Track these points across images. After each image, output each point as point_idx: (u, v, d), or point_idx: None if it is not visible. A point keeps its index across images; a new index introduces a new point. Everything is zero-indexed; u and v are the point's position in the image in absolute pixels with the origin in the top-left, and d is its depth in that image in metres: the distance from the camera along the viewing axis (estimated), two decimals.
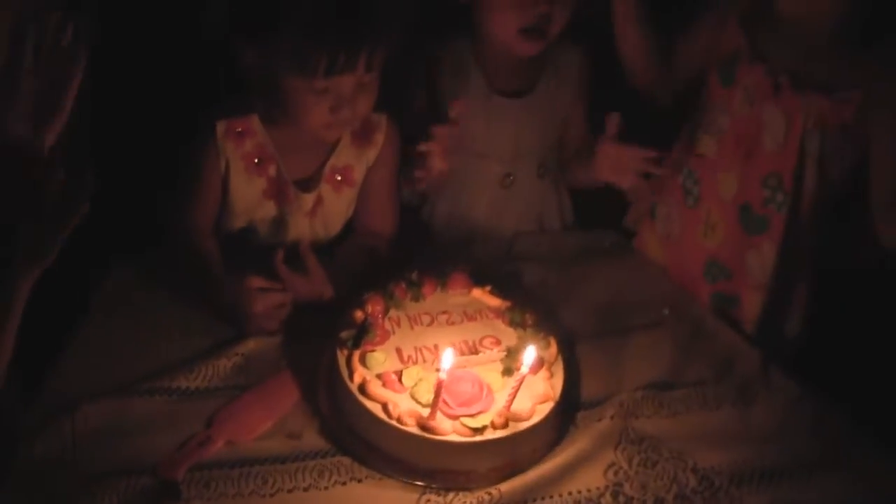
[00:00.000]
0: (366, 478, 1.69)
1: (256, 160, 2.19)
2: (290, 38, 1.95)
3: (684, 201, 2.33)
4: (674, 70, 2.32)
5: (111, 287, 2.13)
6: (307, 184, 2.25)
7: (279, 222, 2.28)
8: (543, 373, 1.80)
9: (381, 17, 1.98)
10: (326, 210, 2.30)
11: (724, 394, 1.95)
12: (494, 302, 1.99)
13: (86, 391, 1.80)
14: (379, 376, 1.74)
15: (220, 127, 2.15)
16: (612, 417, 1.85)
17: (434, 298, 1.99)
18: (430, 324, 1.92)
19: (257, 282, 1.96)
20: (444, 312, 1.95)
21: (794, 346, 2.25)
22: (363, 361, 1.77)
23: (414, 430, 1.65)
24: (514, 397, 1.68)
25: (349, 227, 2.37)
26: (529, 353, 1.70)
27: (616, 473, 1.74)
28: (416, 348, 1.83)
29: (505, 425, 1.67)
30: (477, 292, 2.02)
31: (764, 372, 2.01)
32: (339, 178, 2.27)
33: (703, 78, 2.26)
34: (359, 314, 1.88)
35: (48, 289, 1.95)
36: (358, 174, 2.29)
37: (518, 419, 1.69)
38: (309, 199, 2.25)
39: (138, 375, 1.86)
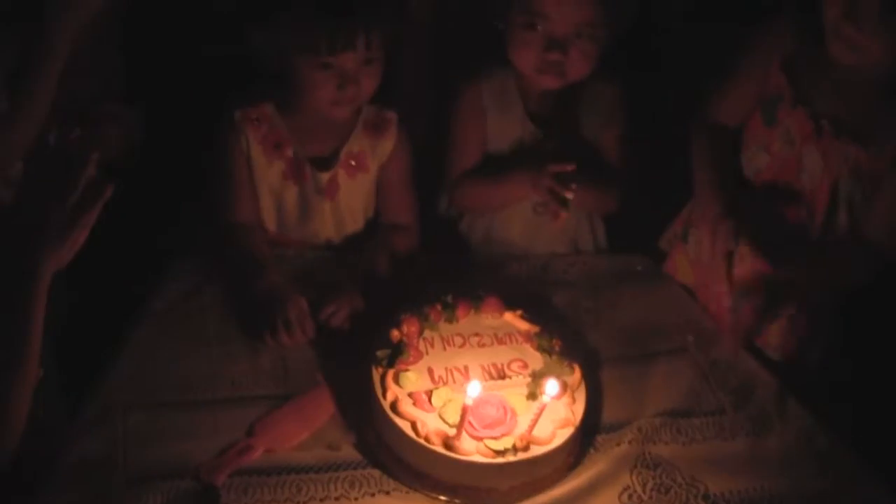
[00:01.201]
0: (393, 490, 1.78)
1: (274, 144, 2.37)
2: (296, 18, 2.14)
3: None
4: (721, 113, 2.39)
5: (161, 297, 2.24)
6: (324, 163, 2.41)
7: (302, 206, 2.44)
8: (566, 398, 1.87)
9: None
10: (344, 196, 2.45)
11: (740, 423, 2.01)
12: (524, 326, 2.07)
13: (135, 397, 1.93)
14: (410, 395, 1.83)
15: (238, 115, 2.35)
16: (630, 442, 1.92)
17: (467, 321, 2.07)
18: (462, 345, 2.00)
19: (302, 304, 2.12)
20: (476, 335, 2.03)
21: (817, 374, 2.31)
22: (396, 380, 1.86)
23: (440, 448, 1.73)
24: (535, 423, 1.77)
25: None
26: (552, 386, 1.78)
27: (630, 497, 1.81)
28: (447, 369, 1.92)
29: (526, 448, 1.74)
30: (508, 316, 2.09)
31: (781, 402, 2.07)
32: (353, 163, 2.43)
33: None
34: (395, 334, 1.98)
35: (101, 298, 2.09)
36: (371, 162, 2.45)
37: (539, 443, 1.77)
38: (325, 177, 2.40)
39: (184, 383, 1.98)
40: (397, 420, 1.79)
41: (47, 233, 1.60)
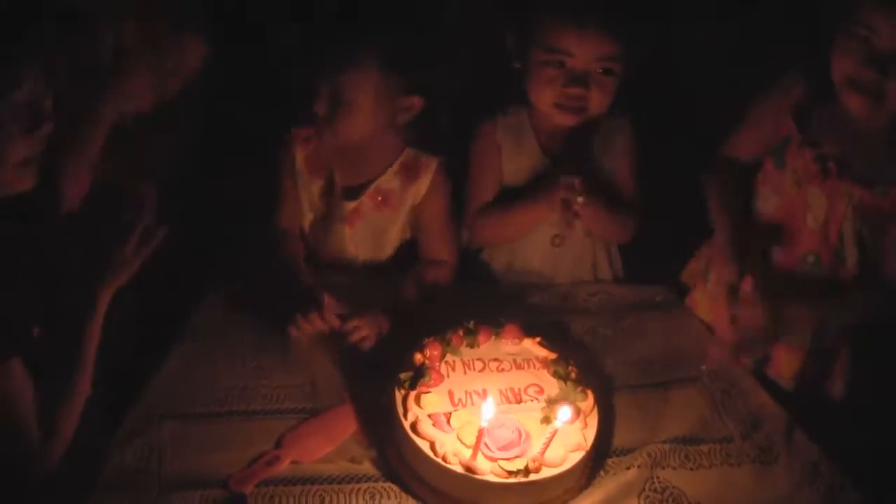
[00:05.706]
0: None
1: (318, 163, 2.54)
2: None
3: None
4: (735, 150, 2.48)
5: (200, 313, 2.38)
6: (353, 193, 2.54)
7: (325, 226, 2.59)
8: (579, 423, 1.95)
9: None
10: (366, 225, 2.57)
11: (747, 452, 2.07)
12: (542, 353, 2.15)
13: (171, 408, 2.05)
14: (430, 416, 1.92)
15: (290, 133, 2.52)
16: (639, 466, 1.98)
17: (488, 346, 2.15)
18: (482, 370, 2.08)
19: (329, 301, 2.25)
20: (495, 360, 2.11)
21: (837, 408, 2.38)
22: (417, 401, 1.95)
23: (456, 468, 1.81)
24: (548, 446, 1.85)
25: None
26: (564, 412, 1.86)
27: None
28: (466, 392, 2.00)
29: (538, 470, 1.82)
30: (528, 342, 2.18)
31: (788, 434, 2.12)
32: (379, 198, 2.55)
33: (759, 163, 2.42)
34: (418, 357, 2.07)
35: (144, 318, 2.22)
36: (398, 201, 2.57)
37: (550, 465, 1.85)
38: (349, 205, 2.54)
39: (218, 395, 2.10)
40: (417, 440, 1.87)
41: (108, 272, 1.86)
